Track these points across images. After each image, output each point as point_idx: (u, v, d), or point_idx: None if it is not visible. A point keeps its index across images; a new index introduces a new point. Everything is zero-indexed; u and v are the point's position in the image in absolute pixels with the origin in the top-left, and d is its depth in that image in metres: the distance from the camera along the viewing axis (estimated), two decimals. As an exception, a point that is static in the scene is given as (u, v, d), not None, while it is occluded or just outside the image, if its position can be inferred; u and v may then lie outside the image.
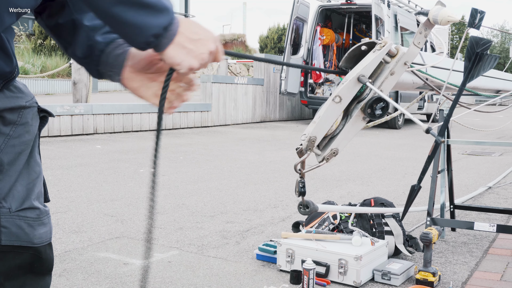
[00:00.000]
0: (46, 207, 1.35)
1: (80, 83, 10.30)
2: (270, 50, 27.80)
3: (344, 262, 2.73)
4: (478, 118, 15.90)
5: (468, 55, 2.50)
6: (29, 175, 1.30)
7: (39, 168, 1.34)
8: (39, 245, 1.31)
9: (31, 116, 1.28)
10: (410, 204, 2.78)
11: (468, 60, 2.49)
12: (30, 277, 1.34)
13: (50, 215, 1.37)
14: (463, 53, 3.13)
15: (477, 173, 6.47)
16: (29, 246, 1.29)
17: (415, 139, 10.63)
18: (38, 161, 1.34)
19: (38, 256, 1.32)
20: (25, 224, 1.27)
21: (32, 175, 1.31)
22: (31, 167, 1.30)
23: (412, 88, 2.58)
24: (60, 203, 4.33)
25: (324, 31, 13.91)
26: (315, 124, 1.71)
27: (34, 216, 1.29)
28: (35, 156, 1.32)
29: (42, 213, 1.31)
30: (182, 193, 4.88)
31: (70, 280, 2.72)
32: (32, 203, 1.29)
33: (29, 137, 1.28)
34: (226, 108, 12.50)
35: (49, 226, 1.35)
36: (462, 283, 2.82)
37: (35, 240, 1.30)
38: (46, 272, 1.38)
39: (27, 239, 1.28)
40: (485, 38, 2.53)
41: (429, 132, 1.44)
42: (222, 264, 3.02)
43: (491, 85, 3.50)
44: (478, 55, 2.45)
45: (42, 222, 1.31)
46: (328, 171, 6.22)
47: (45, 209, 1.33)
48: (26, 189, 1.28)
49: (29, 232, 1.28)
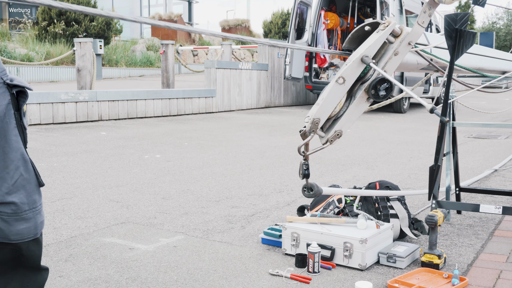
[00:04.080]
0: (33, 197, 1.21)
1: (84, 70, 10.29)
2: (274, 35, 27.66)
3: (349, 245, 2.73)
4: (484, 101, 15.81)
5: (448, 34, 2.47)
6: (4, 162, 1.16)
7: (17, 153, 1.18)
8: (18, 242, 1.20)
9: None
10: (434, 184, 2.79)
11: (449, 39, 2.46)
12: (21, 271, 1.25)
13: (39, 208, 1.22)
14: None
15: (483, 156, 6.44)
16: (5, 242, 1.19)
17: (420, 123, 10.58)
18: (14, 145, 1.18)
19: (19, 253, 1.22)
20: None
21: (7, 163, 1.17)
22: (5, 154, 1.16)
23: (416, 69, 2.56)
24: (65, 189, 4.34)
25: (329, 15, 13.80)
26: (318, 106, 1.70)
27: (9, 211, 1.17)
28: (9, 141, 1.17)
29: (20, 208, 1.19)
30: (187, 178, 4.88)
31: (76, 265, 2.73)
32: (5, 197, 1.17)
33: None
34: (230, 94, 12.47)
35: (33, 221, 1.22)
36: (467, 265, 2.81)
37: (12, 236, 1.19)
38: (35, 268, 1.28)
39: (2, 234, 1.18)
40: (461, 12, 2.49)
41: (433, 112, 1.42)
42: (228, 249, 3.02)
43: (497, 66, 3.46)
44: (459, 32, 2.41)
45: (22, 217, 1.20)
46: (333, 156, 6.21)
47: (27, 202, 1.21)
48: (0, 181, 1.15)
49: (4, 228, 1.17)
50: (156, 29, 27.54)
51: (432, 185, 2.81)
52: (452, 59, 2.51)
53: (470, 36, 2.49)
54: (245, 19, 30.73)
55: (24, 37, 19.31)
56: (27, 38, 19.11)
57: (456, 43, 2.42)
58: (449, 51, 2.53)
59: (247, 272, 2.67)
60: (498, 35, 38.95)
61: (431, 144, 7.34)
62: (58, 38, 19.18)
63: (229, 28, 30.03)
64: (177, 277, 2.60)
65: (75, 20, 19.61)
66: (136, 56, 21.78)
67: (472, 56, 3.08)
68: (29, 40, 18.69)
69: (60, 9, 4.08)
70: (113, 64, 20.25)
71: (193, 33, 28.16)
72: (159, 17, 27.84)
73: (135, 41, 24.67)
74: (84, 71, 10.28)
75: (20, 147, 1.19)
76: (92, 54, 10.49)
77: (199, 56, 24.77)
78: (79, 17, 19.66)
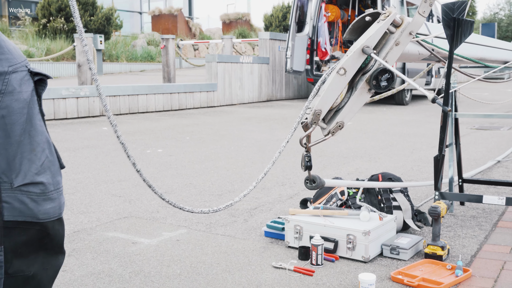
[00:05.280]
0: (57, 178, 1.28)
1: (85, 65, 10.28)
2: (275, 28, 27.58)
3: (352, 237, 2.72)
4: (486, 92, 15.77)
5: (446, 23, 2.45)
6: (31, 145, 1.23)
7: (42, 136, 1.25)
8: (45, 221, 1.26)
9: (19, 82, 1.20)
10: (439, 174, 2.78)
11: (447, 28, 2.44)
12: (42, 255, 1.29)
13: (61, 189, 1.29)
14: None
15: (486, 147, 6.42)
16: (34, 221, 1.24)
17: (422, 115, 10.56)
18: (39, 129, 1.25)
19: (46, 232, 1.27)
20: (28, 199, 1.22)
21: (33, 146, 1.23)
22: (32, 137, 1.23)
23: (418, 60, 2.54)
24: (68, 185, 4.34)
25: (329, 7, 13.75)
26: (320, 97, 1.69)
27: (38, 191, 1.24)
28: (35, 125, 1.24)
29: (47, 188, 1.25)
30: (189, 172, 4.88)
31: (79, 259, 2.73)
32: (35, 177, 1.23)
33: (19, 105, 1.19)
34: (232, 88, 12.45)
35: (57, 201, 1.29)
36: (471, 256, 2.81)
37: (40, 215, 1.25)
38: (57, 250, 1.33)
39: (31, 214, 1.23)
40: (458, 1, 2.47)
41: (435, 102, 1.41)
42: (231, 242, 3.02)
43: (499, 56, 3.45)
44: (457, 21, 2.39)
45: (49, 197, 1.26)
46: (336, 148, 6.20)
47: (52, 182, 1.27)
48: (28, 162, 1.22)
49: (33, 207, 1.23)
50: (157, 24, 27.49)
51: (437, 175, 2.80)
52: (451, 48, 2.49)
53: (468, 25, 2.47)
54: (246, 13, 30.64)
55: (24, 33, 19.29)
56: (27, 34, 19.09)
57: (454, 32, 2.41)
58: (448, 40, 2.51)
59: (250, 265, 2.67)
60: (499, 25, 38.79)
61: (433, 136, 7.33)
62: (58, 34, 19.15)
63: (230, 22, 29.96)
64: (180, 270, 2.60)
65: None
66: (137, 51, 21.75)
67: (474, 46, 3.06)
68: (29, 36, 18.67)
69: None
70: (113, 59, 20.23)
71: (193, 27, 28.12)
72: (159, 11, 27.78)
73: (136, 36, 24.62)
74: (85, 67, 10.28)
75: (44, 131, 1.26)
76: (92, 49, 10.48)
77: (199, 50, 24.73)
78: (79, 12, 19.61)
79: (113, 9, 21.38)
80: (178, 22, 27.16)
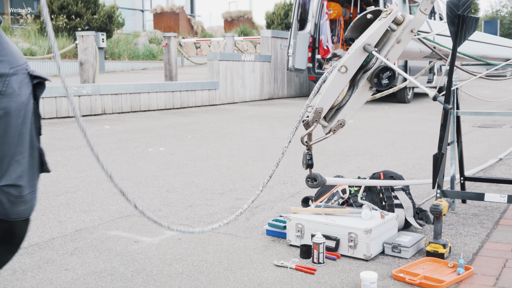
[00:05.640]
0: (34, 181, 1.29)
1: (87, 63, 10.28)
2: (277, 26, 27.54)
3: (354, 235, 2.72)
4: (488, 90, 15.74)
5: (451, 20, 2.44)
6: (21, 147, 1.24)
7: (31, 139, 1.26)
8: (14, 220, 1.28)
9: (19, 85, 1.20)
10: (438, 172, 2.77)
11: (452, 25, 2.43)
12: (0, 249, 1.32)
13: (36, 192, 1.31)
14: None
15: (488, 145, 6.41)
16: (4, 219, 1.26)
17: (424, 113, 10.54)
18: (29, 132, 1.26)
19: (11, 230, 1.29)
20: (5, 199, 1.24)
21: (23, 148, 1.24)
22: (23, 140, 1.24)
23: (419, 57, 2.54)
24: (70, 183, 4.35)
25: (331, 5, 13.73)
26: (321, 95, 1.69)
27: (16, 194, 1.25)
28: (27, 128, 1.24)
29: (24, 191, 1.27)
30: (191, 171, 4.88)
31: (82, 258, 2.74)
32: (17, 180, 1.24)
33: (17, 107, 1.20)
34: (233, 86, 12.44)
35: (30, 203, 1.30)
36: (473, 254, 2.80)
37: (12, 215, 1.27)
38: (14, 248, 1.36)
39: (4, 213, 1.25)
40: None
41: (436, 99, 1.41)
42: (232, 240, 3.02)
43: (501, 54, 3.44)
44: (461, 18, 2.38)
45: (24, 199, 1.27)
46: (337, 146, 6.20)
47: (29, 185, 1.28)
48: (16, 163, 1.23)
49: (8, 208, 1.25)
50: (159, 22, 27.48)
51: (436, 173, 2.79)
52: (455, 45, 2.49)
53: (473, 22, 2.46)
54: (248, 11, 30.61)
55: (26, 31, 19.30)
56: (29, 32, 19.09)
57: (458, 29, 2.40)
58: (452, 37, 2.50)
59: (252, 264, 2.67)
60: (502, 23, 38.68)
61: (435, 134, 7.31)
62: (60, 32, 19.15)
63: (232, 20, 29.93)
64: (182, 269, 2.60)
65: (76, 13, 19.58)
66: (139, 49, 21.75)
67: (476, 44, 3.05)
68: (31, 34, 18.68)
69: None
70: (115, 57, 20.24)
71: (195, 25, 28.11)
72: (161, 9, 27.77)
73: (138, 34, 24.62)
74: (87, 65, 10.28)
75: (32, 134, 1.27)
76: (94, 47, 10.48)
77: (201, 49, 24.72)
78: (81, 10, 19.62)
79: (115, 7, 21.38)
80: (180, 20, 27.15)
